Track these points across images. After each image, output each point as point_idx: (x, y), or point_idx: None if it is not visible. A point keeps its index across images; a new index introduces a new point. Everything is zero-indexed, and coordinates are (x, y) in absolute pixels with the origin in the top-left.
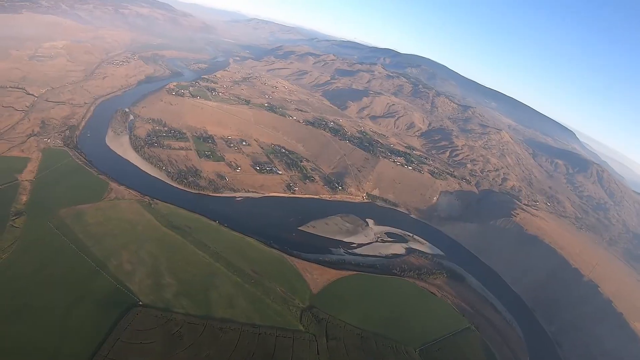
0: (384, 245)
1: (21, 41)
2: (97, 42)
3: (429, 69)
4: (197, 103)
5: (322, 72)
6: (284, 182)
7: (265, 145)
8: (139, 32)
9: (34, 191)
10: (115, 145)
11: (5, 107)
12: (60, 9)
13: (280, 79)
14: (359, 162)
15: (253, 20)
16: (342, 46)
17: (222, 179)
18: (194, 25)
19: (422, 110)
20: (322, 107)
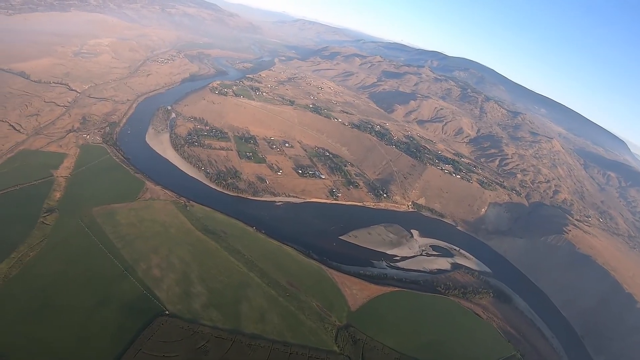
0: (429, 260)
1: (67, 38)
2: (142, 40)
3: (477, 72)
4: (240, 102)
5: (368, 74)
6: (327, 187)
7: (309, 147)
8: (185, 31)
9: (68, 188)
10: (154, 143)
11: (47, 102)
12: (108, 7)
13: (325, 79)
14: (405, 169)
15: (299, 21)
16: (388, 48)
17: (263, 181)
18: (240, 25)
19: (470, 115)
20: (368, 110)
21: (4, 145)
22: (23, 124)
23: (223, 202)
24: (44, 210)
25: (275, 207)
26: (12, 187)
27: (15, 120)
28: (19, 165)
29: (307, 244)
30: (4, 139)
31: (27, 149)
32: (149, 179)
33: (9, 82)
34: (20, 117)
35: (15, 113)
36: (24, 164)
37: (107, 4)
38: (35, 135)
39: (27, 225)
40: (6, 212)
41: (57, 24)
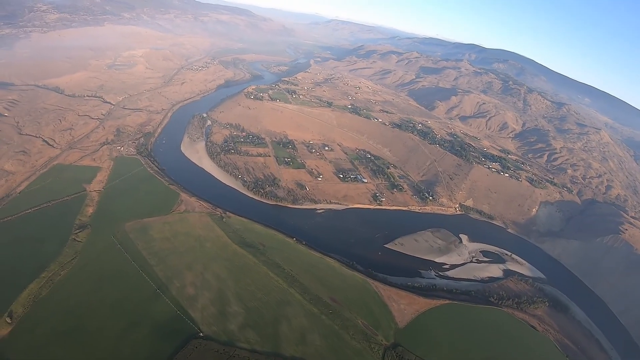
0: (480, 267)
1: (101, 51)
2: (176, 49)
3: (517, 63)
4: (277, 106)
5: (406, 71)
6: (370, 191)
7: (349, 150)
8: (218, 38)
9: (101, 202)
10: (190, 152)
11: (80, 115)
12: (142, 19)
13: (363, 79)
14: (451, 169)
15: (332, 22)
16: (424, 43)
17: (302, 188)
18: (274, 29)
19: (514, 108)
20: (409, 108)
21: (38, 161)
22: (57, 138)
23: (261, 212)
24: (76, 226)
25: (316, 215)
26: (45, 203)
27: (49, 135)
28: (52, 181)
29: (351, 254)
30: (37, 154)
31: (61, 164)
32: (184, 190)
33: (43, 97)
34: (54, 132)
35: (49, 128)
36: (57, 179)
37: (141, 16)
38: (69, 150)
39: (59, 243)
40: (38, 230)
41: (91, 39)
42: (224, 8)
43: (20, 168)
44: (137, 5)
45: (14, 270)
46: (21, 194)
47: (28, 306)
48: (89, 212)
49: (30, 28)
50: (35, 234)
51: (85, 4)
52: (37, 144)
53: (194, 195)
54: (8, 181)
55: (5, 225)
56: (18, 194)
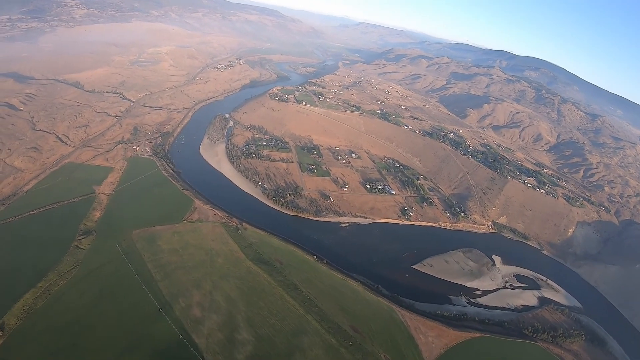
0: (513, 293)
1: (126, 47)
2: (202, 47)
3: (548, 72)
4: (302, 109)
5: (436, 76)
6: (398, 204)
7: (377, 158)
8: (246, 37)
9: (110, 206)
10: (209, 154)
11: (98, 112)
12: (170, 17)
13: (392, 83)
14: (484, 183)
15: (361, 25)
16: (454, 48)
17: (326, 198)
18: (302, 30)
19: (547, 119)
20: (440, 115)
21: (49, 159)
22: (71, 135)
23: (280, 224)
24: (81, 232)
25: (339, 229)
26: (51, 204)
27: (63, 131)
28: (61, 181)
29: (376, 275)
30: (49, 151)
31: (72, 163)
32: (199, 195)
33: (61, 92)
34: (69, 129)
35: (64, 124)
36: (67, 178)
37: (169, 14)
38: (82, 148)
39: (60, 249)
40: (40, 234)
41: (117, 35)
42: (253, 8)
43: (30, 165)
44: (166, 3)
45: (10, 277)
46: (28, 193)
47: (22, 318)
48: (95, 216)
49: (56, 22)
50: (36, 238)
51: (114, 1)
52: (50, 140)
53: (208, 203)
54: (16, 179)
55: (8, 226)
56: (25, 192)
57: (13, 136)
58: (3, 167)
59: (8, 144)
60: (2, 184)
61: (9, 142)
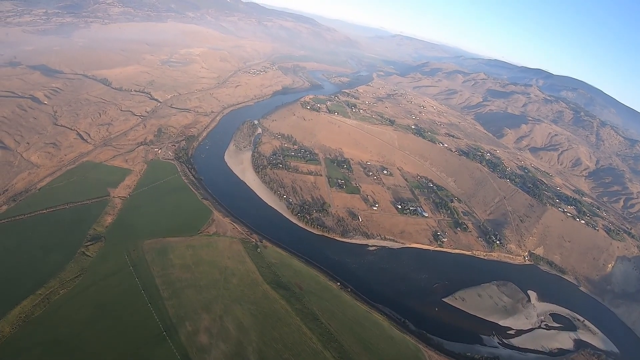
0: (549, 335)
1: (158, 47)
2: (235, 51)
3: (586, 93)
4: (334, 120)
5: (472, 92)
6: (430, 228)
7: (410, 176)
8: (280, 43)
9: (123, 212)
10: (233, 162)
11: (123, 111)
12: (205, 20)
13: (427, 97)
14: (522, 209)
15: (397, 37)
16: (489, 65)
17: (354, 218)
18: (337, 40)
19: (586, 143)
20: (476, 134)
21: (67, 156)
22: (92, 133)
23: (304, 243)
24: (89, 237)
25: (367, 253)
26: (62, 205)
27: (84, 128)
28: (75, 180)
29: (403, 308)
30: (68, 148)
31: (90, 161)
32: (219, 206)
33: (88, 88)
34: (91, 126)
35: (86, 121)
36: (82, 178)
37: (205, 16)
38: (103, 147)
39: (65, 255)
40: (47, 236)
41: (151, 34)
42: (289, 15)
43: (47, 161)
44: (203, 6)
45: (10, 281)
46: (40, 191)
47: (17, 326)
48: (106, 221)
49: (91, 19)
50: (42, 241)
51: (151, 1)
52: (70, 136)
53: (228, 215)
54: (31, 174)
55: (15, 225)
56: (37, 190)
57: (33, 130)
58: (19, 161)
59: (27, 138)
60: (17, 179)
61: (28, 136)
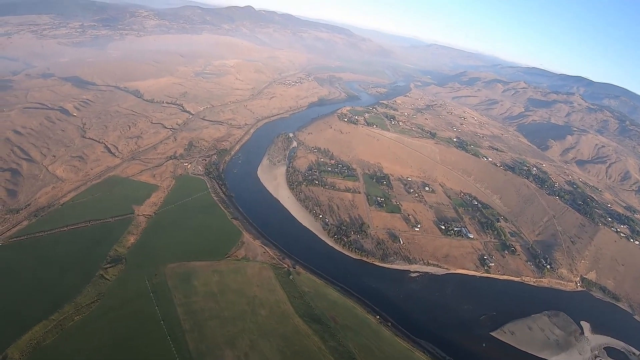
0: None
1: (192, 58)
2: (270, 62)
3: (628, 100)
4: (373, 133)
5: (513, 102)
6: (476, 252)
7: (453, 193)
8: (316, 54)
9: (146, 232)
10: (267, 178)
11: (153, 123)
12: (240, 31)
13: (467, 108)
14: (572, 229)
15: (432, 46)
16: (527, 73)
17: (395, 240)
18: (372, 50)
19: (634, 154)
20: (519, 146)
21: (93, 170)
22: (120, 146)
23: (341, 268)
24: (109, 259)
25: (409, 280)
26: (83, 222)
27: (112, 141)
28: (100, 196)
29: (448, 343)
30: (95, 162)
31: (117, 176)
32: (249, 226)
33: (119, 100)
34: (120, 139)
35: (115, 134)
36: (107, 194)
37: (240, 28)
38: (130, 161)
39: (83, 277)
40: (65, 255)
41: (186, 45)
42: (324, 26)
43: (72, 175)
44: (238, 18)
45: (24, 303)
46: (64, 206)
47: (26, 353)
48: (129, 241)
49: (127, 31)
50: (60, 260)
51: (187, 13)
52: (97, 150)
53: (259, 237)
54: (55, 189)
55: (34, 242)
56: (61, 205)
57: (60, 142)
58: (44, 174)
59: (54, 150)
60: (40, 193)
61: (55, 148)
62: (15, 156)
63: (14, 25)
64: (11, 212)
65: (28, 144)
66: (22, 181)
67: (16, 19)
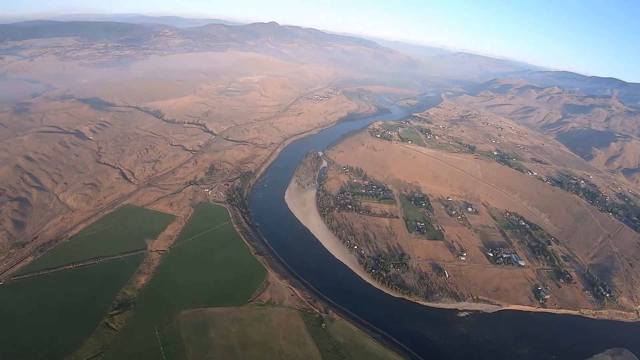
0: None
1: (216, 76)
2: (296, 77)
3: None
4: (408, 149)
5: (550, 109)
6: (529, 282)
7: (498, 213)
8: (343, 67)
9: (160, 271)
10: (295, 203)
11: (173, 145)
12: (265, 47)
13: (502, 117)
14: (630, 250)
15: (459, 55)
16: (557, 77)
17: (440, 273)
18: (399, 61)
19: None
20: (562, 156)
21: (106, 198)
22: (137, 171)
23: (380, 309)
24: (116, 304)
25: (457, 321)
26: (91, 260)
27: (128, 166)
28: (112, 228)
29: None
30: (108, 189)
31: (131, 205)
32: (276, 262)
33: (138, 121)
34: (136, 163)
35: (132, 158)
36: (119, 225)
37: (265, 44)
38: (147, 187)
39: (86, 325)
40: (68, 299)
41: (209, 62)
42: (350, 39)
43: (83, 205)
44: (263, 34)
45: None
46: (72, 240)
47: None
48: (139, 283)
49: (150, 51)
50: (62, 305)
51: (211, 31)
52: (112, 176)
53: (287, 275)
54: (64, 219)
55: (37, 282)
56: (69, 239)
57: (73, 168)
58: (54, 204)
59: (66, 177)
60: (48, 224)
61: (67, 175)
62: (25, 184)
63: (38, 48)
64: (17, 245)
65: (39, 170)
66: (31, 211)
67: (41, 41)
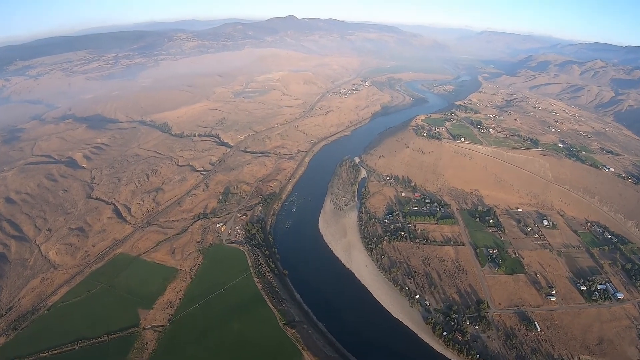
0: None
1: (232, 77)
2: (320, 70)
3: None
4: (462, 149)
5: (599, 86)
6: (634, 324)
7: (577, 224)
8: (368, 56)
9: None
10: (333, 233)
11: (180, 166)
12: (285, 42)
13: (551, 98)
14: None
15: (484, 33)
16: (591, 49)
17: (529, 326)
18: (425, 44)
19: None
20: (629, 143)
21: (95, 246)
22: (134, 206)
23: None
24: None
25: None
26: (70, 344)
27: (124, 200)
28: (98, 292)
29: None
30: (98, 234)
31: (125, 255)
32: (313, 332)
33: (140, 139)
34: (134, 195)
35: (129, 189)
36: (108, 288)
37: (284, 38)
38: (145, 227)
39: None
40: None
41: (225, 64)
42: (371, 26)
43: (68, 259)
44: (281, 29)
45: None
46: (50, 312)
47: None
48: None
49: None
50: None
51: (228, 31)
52: (104, 215)
53: (329, 352)
54: (44, 281)
55: None
56: (47, 310)
57: (60, 208)
58: (35, 259)
59: (51, 221)
60: (26, 289)
61: (52, 218)
62: (3, 234)
63: (47, 66)
64: None
65: (21, 214)
66: (8, 271)
67: (51, 58)
